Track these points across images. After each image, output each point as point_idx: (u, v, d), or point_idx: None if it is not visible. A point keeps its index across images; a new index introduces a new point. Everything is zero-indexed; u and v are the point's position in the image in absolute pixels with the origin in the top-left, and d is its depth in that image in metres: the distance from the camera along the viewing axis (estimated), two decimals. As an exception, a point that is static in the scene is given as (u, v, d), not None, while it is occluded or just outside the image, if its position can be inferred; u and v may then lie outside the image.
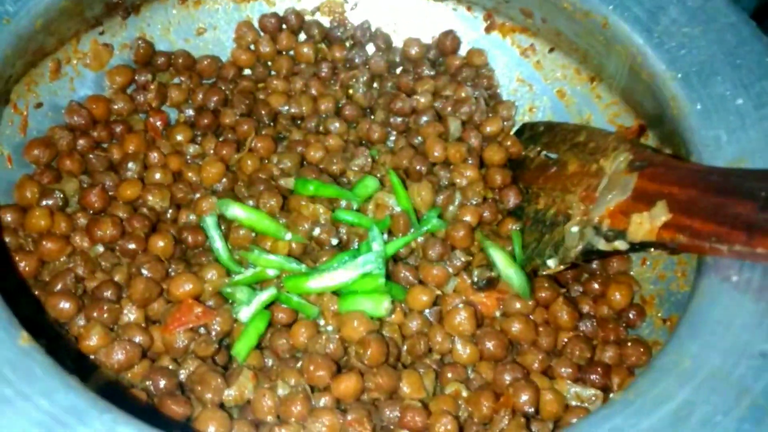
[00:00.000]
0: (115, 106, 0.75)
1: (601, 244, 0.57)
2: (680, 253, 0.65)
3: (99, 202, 0.67)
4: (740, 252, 0.44)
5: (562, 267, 0.64)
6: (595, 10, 0.67)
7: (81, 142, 0.71)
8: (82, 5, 0.66)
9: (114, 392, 0.53)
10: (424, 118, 0.78)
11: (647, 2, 0.64)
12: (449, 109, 0.78)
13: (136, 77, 0.77)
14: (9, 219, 0.64)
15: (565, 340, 0.66)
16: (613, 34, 0.67)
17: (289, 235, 0.67)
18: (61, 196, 0.67)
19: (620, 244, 0.56)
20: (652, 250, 0.70)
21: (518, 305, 0.66)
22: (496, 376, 0.61)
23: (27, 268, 0.62)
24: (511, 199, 0.73)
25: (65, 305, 0.60)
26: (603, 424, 0.40)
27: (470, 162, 0.74)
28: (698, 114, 0.58)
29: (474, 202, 0.72)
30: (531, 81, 0.82)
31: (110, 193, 0.69)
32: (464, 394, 0.61)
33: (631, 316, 0.69)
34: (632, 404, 0.41)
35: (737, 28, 0.61)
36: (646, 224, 0.51)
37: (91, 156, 0.71)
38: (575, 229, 0.61)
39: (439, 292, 0.67)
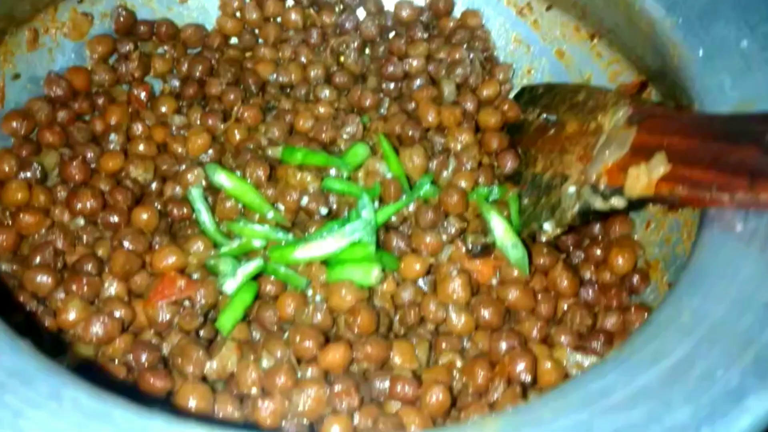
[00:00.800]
0: (97, 77, 0.73)
1: (599, 203, 0.54)
2: (683, 207, 0.61)
3: (80, 174, 0.65)
4: (743, 200, 0.41)
5: (559, 230, 0.61)
6: (590, -42, 0.64)
7: (61, 114, 0.69)
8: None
9: (90, 369, 0.51)
10: (417, 83, 0.75)
11: (645, -54, 0.61)
12: (443, 72, 0.75)
13: (117, 47, 0.75)
14: None
15: (566, 307, 0.63)
16: (611, -18, 0.63)
17: (271, 213, 0.65)
18: (40, 168, 0.65)
19: (618, 201, 0.53)
20: (656, 209, 0.67)
21: (516, 272, 0.63)
22: (491, 345, 0.59)
23: (4, 243, 0.61)
24: (509, 164, 0.70)
25: (43, 279, 0.58)
26: (595, 382, 0.37)
27: (465, 126, 0.71)
28: (701, 60, 0.54)
29: (469, 167, 0.68)
30: (528, 42, 0.79)
31: (92, 166, 0.67)
32: (459, 364, 0.59)
33: (634, 281, 0.66)
34: (626, 361, 0.38)
35: (741, -32, 0.57)
36: (643, 178, 0.48)
37: (71, 128, 0.69)
38: (572, 189, 0.58)
39: (432, 261, 0.64)
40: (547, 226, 0.61)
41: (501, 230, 0.63)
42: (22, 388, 0.35)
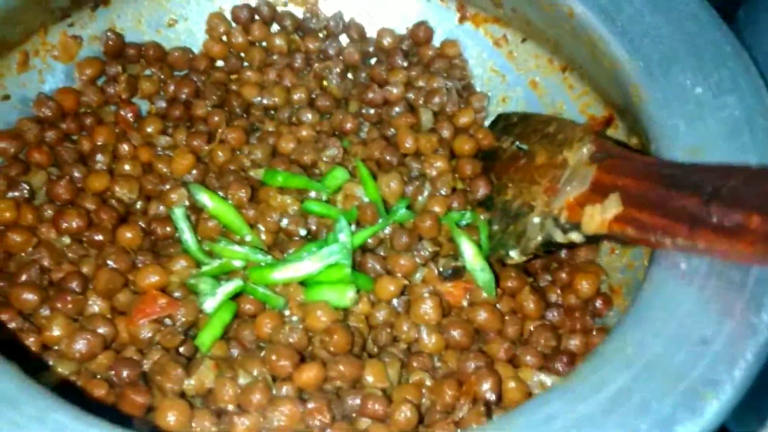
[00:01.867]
0: (85, 98, 0.75)
1: (559, 236, 0.57)
2: (633, 245, 0.65)
3: (66, 193, 0.67)
4: (683, 246, 0.44)
5: (524, 258, 0.64)
6: (560, 0, 0.67)
7: (50, 134, 0.71)
8: (44, -4, 0.66)
9: (71, 389, 0.53)
10: (396, 110, 0.77)
11: (610, -9, 0.64)
12: (422, 100, 0.78)
13: (106, 69, 0.77)
14: None
15: (532, 328, 0.66)
16: (579, 23, 0.66)
17: (249, 237, 0.67)
18: (28, 188, 0.67)
19: (576, 236, 0.56)
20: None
21: (485, 295, 0.66)
22: (459, 365, 0.61)
23: None
24: (481, 190, 0.73)
25: (29, 296, 0.60)
26: (540, 410, 0.40)
27: (440, 153, 0.74)
28: (658, 103, 0.57)
29: (443, 193, 0.71)
30: (504, 71, 0.82)
31: (78, 185, 0.69)
32: (428, 382, 0.61)
33: (597, 305, 0.69)
34: (570, 390, 0.41)
35: (698, 16, 0.60)
36: (597, 216, 0.51)
37: (59, 148, 0.71)
38: (536, 220, 0.61)
39: (406, 282, 0.67)
40: (513, 254, 0.64)
41: (470, 254, 0.66)
42: (8, 411, 0.37)
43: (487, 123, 0.81)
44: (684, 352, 0.42)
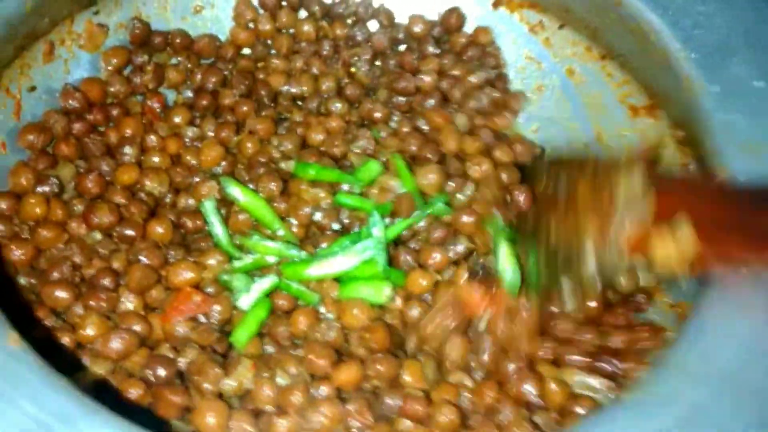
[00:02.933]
0: (111, 89, 0.73)
1: (623, 280, 0.54)
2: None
3: (95, 187, 0.66)
4: None
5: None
6: (604, -15, 0.65)
7: (76, 126, 0.70)
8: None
9: (107, 390, 0.52)
10: (431, 102, 0.75)
11: (661, -23, 0.62)
12: (456, 93, 0.75)
13: (132, 58, 0.75)
14: (3, 206, 0.63)
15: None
16: (626, 11, 0.64)
17: (281, 231, 0.66)
18: (57, 182, 0.65)
19: (644, 276, 0.53)
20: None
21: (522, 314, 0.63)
22: (499, 365, 0.60)
23: (23, 257, 0.62)
24: (522, 200, 0.69)
25: (61, 294, 0.59)
26: (608, 427, 0.39)
27: (485, 156, 0.71)
28: (714, 96, 0.55)
29: (486, 197, 0.69)
30: (540, 59, 0.79)
31: (107, 178, 0.68)
32: (467, 382, 0.60)
33: (639, 300, 0.67)
34: (638, 405, 0.40)
35: (755, 5, 0.58)
36: (671, 251, 0.48)
37: (87, 140, 0.69)
38: (592, 266, 0.57)
39: (438, 277, 0.65)
40: (569, 305, 0.61)
41: (504, 253, 0.64)
42: (66, 430, 0.36)
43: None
44: (757, 365, 0.40)
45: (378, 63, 0.81)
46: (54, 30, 0.68)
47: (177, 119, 0.73)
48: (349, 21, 0.82)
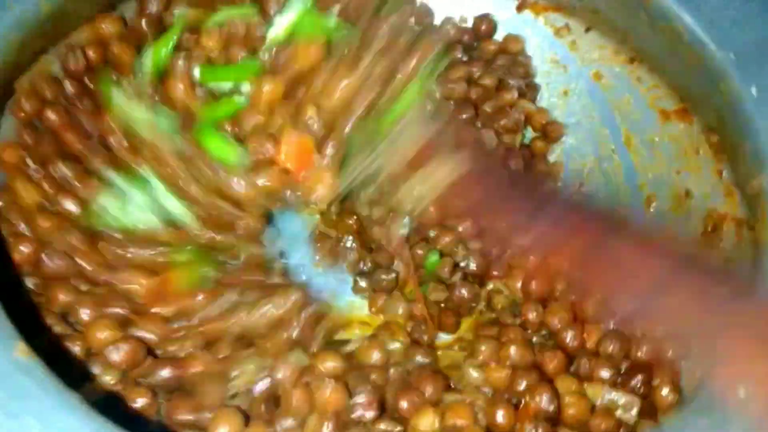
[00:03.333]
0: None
1: None
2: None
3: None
4: None
5: None
6: (637, -14, 0.62)
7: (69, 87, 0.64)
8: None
9: (115, 403, 0.51)
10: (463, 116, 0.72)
11: (696, -25, 0.59)
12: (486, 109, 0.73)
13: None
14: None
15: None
16: (657, 10, 0.61)
17: None
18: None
19: None
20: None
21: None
22: (510, 385, 0.57)
23: (26, 254, 0.58)
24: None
25: (64, 297, 0.57)
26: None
27: None
28: (754, 99, 0.53)
29: None
30: (565, 62, 0.77)
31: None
32: (481, 403, 0.57)
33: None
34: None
35: (798, 3, 0.56)
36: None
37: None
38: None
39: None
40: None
41: None
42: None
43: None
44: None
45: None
46: (73, 33, 0.67)
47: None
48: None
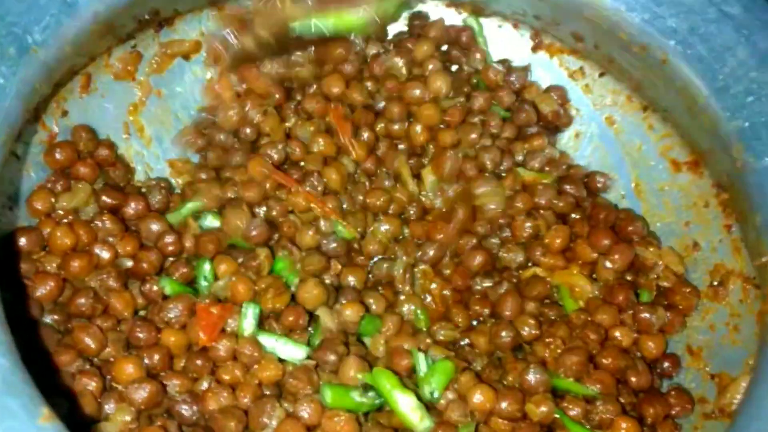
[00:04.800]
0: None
1: None
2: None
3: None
4: None
5: None
6: (654, 45, 0.63)
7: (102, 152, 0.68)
8: (113, 25, 0.64)
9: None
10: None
11: (713, 41, 0.59)
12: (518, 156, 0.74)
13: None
14: (24, 243, 0.61)
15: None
16: (673, 72, 0.62)
17: None
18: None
19: None
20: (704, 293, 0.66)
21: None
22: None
23: (49, 292, 0.60)
24: None
25: (90, 342, 0.59)
26: None
27: None
28: (766, 171, 0.53)
29: None
30: (578, 105, 0.77)
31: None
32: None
33: (665, 366, 0.65)
34: None
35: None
36: None
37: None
38: None
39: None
40: None
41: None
42: None
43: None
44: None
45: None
46: (91, 64, 0.68)
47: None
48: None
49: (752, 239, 0.57)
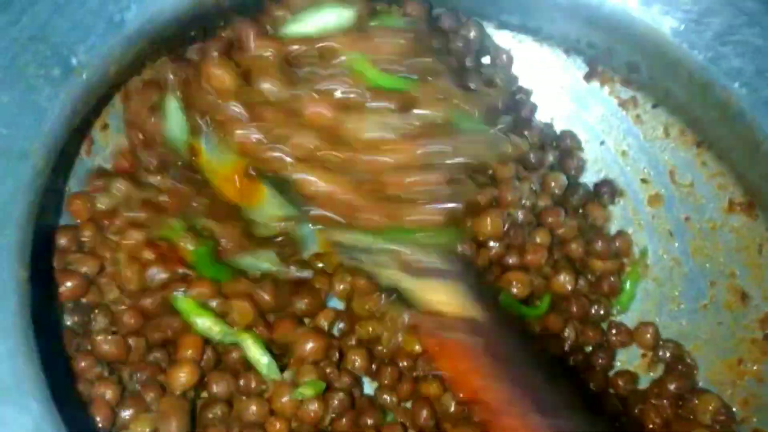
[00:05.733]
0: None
1: None
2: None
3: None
4: None
5: None
6: (716, 84, 0.60)
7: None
8: (159, 44, 0.62)
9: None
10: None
11: (781, 84, 0.56)
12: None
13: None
14: (63, 242, 0.60)
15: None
16: (735, 113, 0.59)
17: None
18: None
19: None
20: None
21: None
22: None
23: (72, 289, 0.59)
24: None
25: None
26: None
27: None
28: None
29: None
30: (628, 136, 0.75)
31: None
32: None
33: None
34: None
35: None
36: None
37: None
38: None
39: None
40: None
41: None
42: None
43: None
44: None
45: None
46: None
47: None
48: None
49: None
